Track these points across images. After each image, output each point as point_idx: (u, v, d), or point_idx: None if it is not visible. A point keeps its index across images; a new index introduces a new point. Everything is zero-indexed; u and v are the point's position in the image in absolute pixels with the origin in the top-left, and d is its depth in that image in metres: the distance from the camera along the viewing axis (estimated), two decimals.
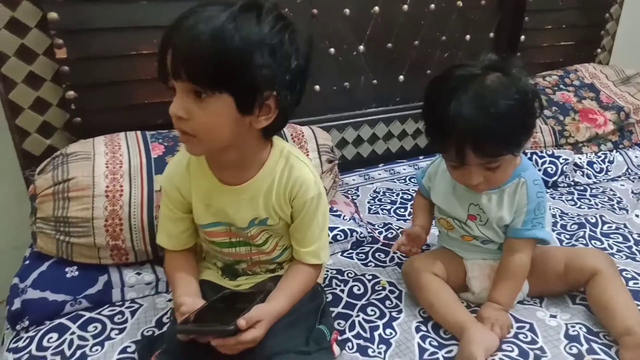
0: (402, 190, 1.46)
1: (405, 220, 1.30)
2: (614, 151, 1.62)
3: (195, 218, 0.84)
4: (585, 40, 1.90)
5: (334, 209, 1.22)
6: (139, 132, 1.13)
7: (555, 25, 1.79)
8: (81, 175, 0.99)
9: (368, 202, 1.40)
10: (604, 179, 1.52)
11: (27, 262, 1.01)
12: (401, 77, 1.60)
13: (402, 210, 1.35)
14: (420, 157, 1.68)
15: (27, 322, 0.90)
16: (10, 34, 1.06)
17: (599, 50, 1.95)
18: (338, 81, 1.51)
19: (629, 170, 1.57)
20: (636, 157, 1.62)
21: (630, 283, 0.99)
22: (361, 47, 1.49)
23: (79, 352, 0.84)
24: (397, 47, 1.55)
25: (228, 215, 0.80)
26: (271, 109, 0.71)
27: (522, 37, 1.72)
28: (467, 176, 0.87)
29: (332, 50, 1.45)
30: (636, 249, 1.13)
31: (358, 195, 1.43)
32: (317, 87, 1.47)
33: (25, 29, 1.07)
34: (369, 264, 1.10)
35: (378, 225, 1.26)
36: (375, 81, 1.56)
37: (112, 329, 0.90)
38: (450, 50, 1.64)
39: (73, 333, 0.89)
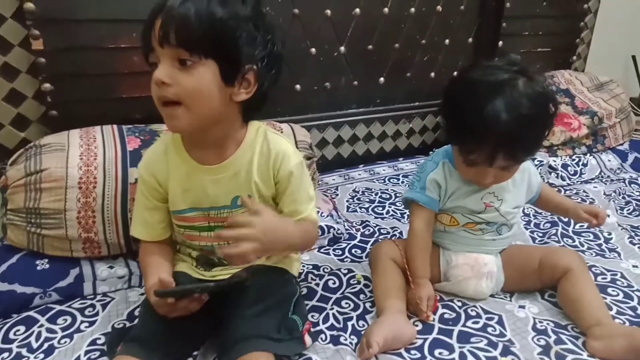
0: (381, 190, 1.47)
1: (382, 218, 1.31)
2: (588, 155, 1.66)
3: (171, 205, 0.83)
4: (561, 47, 1.95)
5: None
6: (115, 126, 1.12)
7: (533, 32, 1.84)
8: (54, 166, 0.97)
9: (347, 201, 1.41)
10: (577, 181, 1.56)
11: None
12: (381, 79, 1.63)
13: (380, 209, 1.36)
14: (400, 159, 1.70)
15: None
16: None
17: (574, 57, 2.01)
18: (319, 81, 1.52)
19: (602, 174, 1.61)
20: (609, 160, 1.67)
21: (599, 278, 1.02)
22: (342, 48, 1.51)
23: (46, 344, 0.83)
24: (377, 49, 1.57)
25: (209, 196, 0.80)
26: (251, 83, 0.75)
27: (500, 43, 1.76)
28: (482, 175, 0.89)
29: (313, 50, 1.46)
30: (605, 247, 1.16)
31: (337, 195, 1.44)
32: (298, 87, 1.48)
33: (0, 19, 1.06)
34: (345, 260, 1.11)
35: (356, 223, 1.27)
36: (355, 82, 1.58)
37: (82, 322, 0.89)
38: (430, 53, 1.68)
39: (41, 325, 0.87)
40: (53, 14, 1.09)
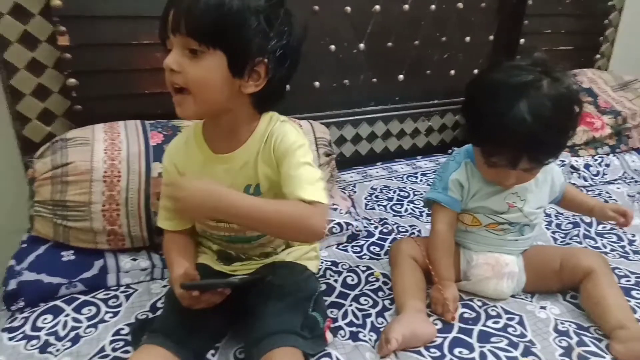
0: (399, 187, 1.47)
1: (401, 216, 1.31)
2: (611, 155, 1.63)
3: None
4: (584, 45, 1.92)
5: (331, 202, 1.23)
6: (138, 121, 1.14)
7: (555, 29, 1.81)
8: (80, 160, 0.99)
9: (365, 199, 1.41)
10: (600, 182, 1.53)
11: (24, 245, 1.01)
12: (400, 76, 1.62)
13: (399, 206, 1.36)
14: (418, 157, 1.69)
15: (22, 304, 0.90)
16: (13, 20, 1.07)
17: (597, 56, 1.97)
18: (338, 78, 1.52)
19: (626, 174, 1.58)
20: (633, 161, 1.63)
21: (623, 280, 1.00)
22: (361, 45, 1.51)
23: (72, 333, 0.85)
24: (397, 46, 1.56)
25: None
26: (260, 76, 0.74)
27: (522, 40, 1.73)
28: (504, 176, 0.88)
29: (332, 47, 1.46)
30: (629, 248, 1.14)
31: (355, 192, 1.44)
32: (316, 84, 1.49)
33: (28, 15, 1.08)
34: (364, 257, 1.11)
35: (374, 220, 1.27)
36: (374, 80, 1.58)
37: (106, 312, 0.90)
38: (450, 51, 1.66)
39: (67, 315, 0.89)
40: (79, 10, 1.10)
